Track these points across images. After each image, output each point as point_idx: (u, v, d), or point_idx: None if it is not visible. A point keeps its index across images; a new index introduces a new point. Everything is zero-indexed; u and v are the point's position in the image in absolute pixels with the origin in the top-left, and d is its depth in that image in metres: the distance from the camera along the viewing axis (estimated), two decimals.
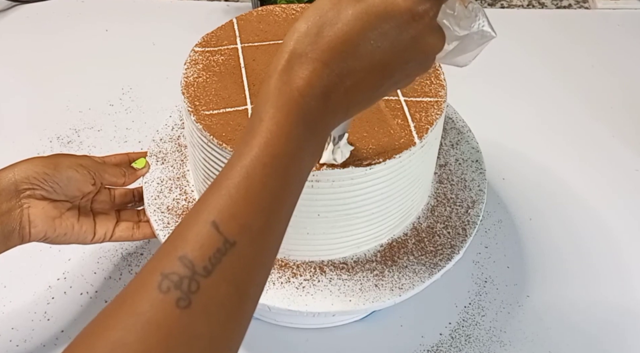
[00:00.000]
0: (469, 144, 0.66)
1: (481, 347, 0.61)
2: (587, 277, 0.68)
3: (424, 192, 0.60)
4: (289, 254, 0.56)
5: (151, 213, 0.58)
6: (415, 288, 0.54)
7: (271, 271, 0.53)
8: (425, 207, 0.61)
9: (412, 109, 0.54)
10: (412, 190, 0.56)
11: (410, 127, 0.53)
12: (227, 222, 0.32)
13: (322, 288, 0.54)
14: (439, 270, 0.55)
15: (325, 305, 0.53)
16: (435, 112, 0.54)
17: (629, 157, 0.81)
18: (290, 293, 0.54)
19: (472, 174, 0.64)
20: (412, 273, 0.55)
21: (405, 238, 0.58)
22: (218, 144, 0.50)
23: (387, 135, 0.52)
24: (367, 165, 0.50)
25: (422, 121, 0.53)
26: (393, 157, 0.50)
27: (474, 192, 0.62)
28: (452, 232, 0.58)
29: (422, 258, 0.56)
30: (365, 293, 0.54)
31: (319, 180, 0.50)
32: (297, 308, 0.53)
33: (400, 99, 0.55)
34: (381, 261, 0.56)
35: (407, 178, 0.54)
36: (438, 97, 0.56)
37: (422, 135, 0.52)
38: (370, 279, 0.55)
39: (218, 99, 0.54)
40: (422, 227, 0.59)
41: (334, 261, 0.56)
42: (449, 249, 0.57)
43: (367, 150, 0.51)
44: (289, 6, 0.63)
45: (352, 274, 0.55)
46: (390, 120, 0.53)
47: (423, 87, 0.57)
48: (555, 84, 0.90)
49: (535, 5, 1.05)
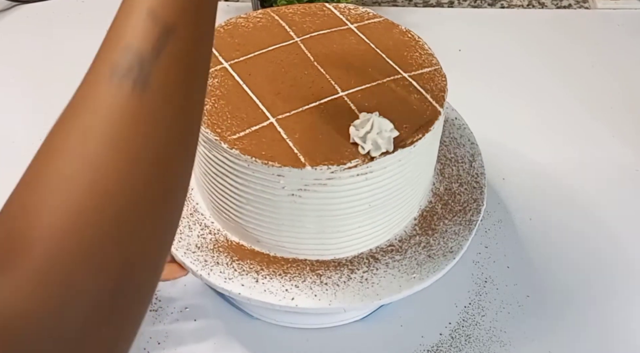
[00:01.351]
0: None
1: (481, 347, 0.62)
2: (588, 276, 0.68)
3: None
4: (340, 252, 0.56)
5: (183, 257, 0.56)
6: (463, 247, 0.57)
7: (326, 273, 0.55)
8: (435, 172, 0.63)
9: (420, 81, 0.57)
10: (435, 159, 0.60)
11: (428, 99, 0.55)
12: (163, 8, 0.31)
13: (384, 275, 0.55)
14: (474, 225, 0.59)
15: (394, 289, 0.54)
16: (441, 80, 0.57)
17: (629, 157, 0.81)
18: (358, 290, 0.54)
19: (458, 131, 0.67)
20: (454, 235, 0.58)
21: (432, 205, 0.61)
22: (262, 163, 0.50)
23: (413, 111, 0.54)
24: (411, 144, 0.52)
25: (435, 90, 0.56)
26: (430, 130, 0.53)
27: (468, 147, 0.66)
28: (468, 187, 0.62)
29: (456, 219, 0.60)
30: (422, 267, 0.56)
31: (372, 171, 0.51)
32: (372, 302, 0.54)
33: (405, 76, 0.57)
34: (422, 233, 0.59)
35: (436, 146, 0.58)
36: (434, 65, 0.59)
37: (442, 103, 0.55)
38: (421, 252, 0.57)
39: (238, 121, 0.53)
40: (440, 190, 0.62)
41: (381, 247, 0.57)
42: (474, 203, 0.61)
43: (405, 131, 0.52)
44: (250, 15, 0.63)
45: (403, 253, 0.57)
46: (408, 97, 0.55)
47: (416, 60, 0.59)
48: (555, 84, 0.91)
49: (535, 5, 1.05)
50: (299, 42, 0.60)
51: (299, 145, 0.51)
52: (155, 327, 0.62)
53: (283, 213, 0.53)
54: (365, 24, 0.63)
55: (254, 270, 0.55)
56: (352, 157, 0.50)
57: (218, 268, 0.56)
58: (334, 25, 0.62)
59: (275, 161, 0.50)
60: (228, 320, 0.63)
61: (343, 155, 0.50)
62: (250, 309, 0.63)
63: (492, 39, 0.96)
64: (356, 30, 0.62)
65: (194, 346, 0.61)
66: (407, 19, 0.76)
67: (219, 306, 0.64)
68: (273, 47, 0.59)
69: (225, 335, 0.62)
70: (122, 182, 0.29)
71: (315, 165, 0.49)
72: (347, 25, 0.62)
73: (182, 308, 0.64)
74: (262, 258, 0.56)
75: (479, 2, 1.04)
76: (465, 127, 0.68)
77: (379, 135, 0.49)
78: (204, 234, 0.58)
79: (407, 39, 0.61)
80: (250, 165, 0.50)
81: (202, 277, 0.55)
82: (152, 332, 0.62)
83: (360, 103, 0.54)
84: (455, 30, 0.97)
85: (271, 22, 0.62)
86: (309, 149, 0.51)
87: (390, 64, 0.58)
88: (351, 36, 0.61)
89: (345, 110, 0.53)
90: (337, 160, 0.50)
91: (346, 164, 0.50)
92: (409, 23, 0.65)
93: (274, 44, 0.60)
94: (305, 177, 0.50)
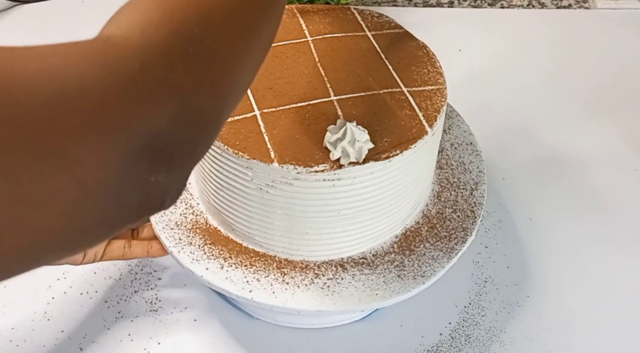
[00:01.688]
0: (460, 127, 0.67)
1: (481, 347, 0.61)
2: (588, 276, 0.68)
3: (430, 179, 0.61)
4: (309, 255, 0.56)
5: (160, 231, 0.58)
6: (437, 274, 0.55)
7: (291, 272, 0.55)
8: (431, 194, 0.61)
9: (417, 98, 0.55)
10: (422, 178, 0.57)
11: (419, 117, 0.54)
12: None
13: (347, 286, 0.55)
14: (455, 253, 0.57)
15: (353, 302, 0.53)
16: (440, 100, 0.55)
17: (629, 157, 0.81)
18: (317, 295, 0.54)
19: (469, 156, 0.65)
20: (430, 260, 0.56)
21: (418, 226, 0.59)
22: (234, 152, 0.50)
23: (399, 127, 0.53)
24: (386, 158, 0.50)
25: (429, 109, 0.54)
26: (409, 148, 0.51)
27: (474, 174, 0.63)
28: (461, 215, 0.60)
29: (438, 244, 0.58)
30: (389, 285, 0.54)
31: (340, 178, 0.50)
32: (327, 308, 0.53)
33: (404, 90, 0.56)
34: (399, 251, 0.57)
35: (420, 166, 0.55)
36: (439, 84, 0.57)
37: (432, 123, 0.53)
38: (392, 271, 0.56)
39: None
40: (431, 213, 0.60)
41: (353, 257, 0.57)
42: (462, 232, 0.58)
43: (383, 144, 0.51)
44: None
45: (373, 268, 0.56)
46: (398, 112, 0.54)
47: (422, 76, 0.57)
48: (555, 84, 0.90)
49: (535, 5, 1.05)
50: (309, 41, 0.60)
51: (274, 141, 0.51)
52: (155, 327, 0.62)
53: (254, 206, 0.53)
54: (384, 33, 0.62)
55: (222, 257, 0.56)
56: (321, 161, 0.50)
57: (189, 248, 0.57)
58: (352, 30, 0.62)
59: (245, 153, 0.50)
60: (228, 320, 0.63)
61: (313, 158, 0.50)
62: (250, 309, 0.63)
63: (492, 39, 0.96)
64: (371, 38, 0.61)
65: (194, 346, 0.61)
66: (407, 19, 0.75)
67: (219, 306, 0.64)
68: (283, 43, 0.60)
69: (225, 335, 0.62)
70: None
71: (283, 163, 0.49)
72: (364, 31, 0.62)
73: (182, 308, 0.64)
74: (234, 246, 0.57)
75: (479, 2, 1.04)
76: (478, 154, 0.65)
77: (350, 144, 0.49)
78: (187, 213, 0.59)
79: (420, 53, 0.60)
80: (224, 153, 0.51)
81: (172, 254, 0.57)
82: (152, 332, 0.62)
83: (348, 110, 0.53)
84: (455, 30, 0.97)
85: (290, 18, 0.63)
86: (282, 146, 0.51)
87: (393, 76, 0.57)
88: (364, 43, 0.60)
89: (330, 115, 0.53)
90: (305, 161, 0.50)
91: (313, 167, 0.49)
92: (409, 23, 0.65)
93: (285, 39, 0.60)
94: (272, 174, 0.50)
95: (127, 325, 0.63)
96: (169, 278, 0.66)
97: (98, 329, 0.62)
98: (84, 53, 0.24)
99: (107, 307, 0.64)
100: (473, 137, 0.67)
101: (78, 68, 0.24)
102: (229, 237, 0.58)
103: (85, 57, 0.24)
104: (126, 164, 0.25)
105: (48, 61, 0.23)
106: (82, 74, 0.24)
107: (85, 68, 0.24)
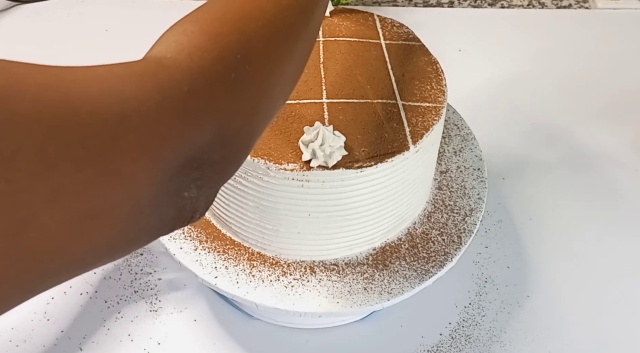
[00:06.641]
0: (472, 151, 0.65)
1: (481, 347, 0.61)
2: (588, 277, 0.68)
3: (420, 197, 0.59)
4: (280, 252, 0.56)
5: None
6: (404, 294, 0.54)
7: (259, 266, 0.55)
8: (422, 213, 0.60)
9: (409, 113, 0.54)
10: (406, 195, 0.55)
11: (405, 131, 0.52)
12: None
13: (311, 289, 0.54)
14: (429, 277, 0.55)
15: (312, 306, 0.53)
16: (433, 118, 0.53)
17: (629, 157, 0.81)
18: (279, 292, 0.54)
19: (473, 181, 0.62)
20: (402, 278, 0.55)
21: (399, 243, 0.57)
22: None
23: (381, 138, 0.51)
24: (358, 167, 0.49)
25: (418, 126, 0.53)
26: (385, 161, 0.50)
27: (472, 200, 0.61)
28: (447, 239, 0.58)
29: (414, 264, 0.56)
30: (353, 296, 0.53)
31: (309, 180, 0.49)
32: (285, 307, 0.53)
33: (398, 103, 0.54)
34: (372, 264, 0.56)
35: (401, 182, 0.53)
36: (437, 102, 0.55)
37: (417, 140, 0.51)
38: (360, 282, 0.54)
39: None
40: (417, 232, 0.58)
41: (325, 262, 0.56)
42: (442, 256, 0.56)
43: (360, 153, 0.50)
44: None
45: (342, 276, 0.55)
46: (385, 123, 0.53)
47: (422, 92, 0.56)
48: (556, 84, 0.90)
49: (535, 5, 1.05)
50: (320, 42, 0.60)
51: None
52: (155, 327, 0.62)
53: (229, 195, 0.54)
54: (399, 43, 0.61)
55: (198, 239, 0.57)
56: (292, 161, 0.49)
57: None
58: (367, 36, 0.61)
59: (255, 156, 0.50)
60: (228, 320, 0.63)
61: (285, 156, 0.50)
62: (250, 309, 0.63)
63: (492, 39, 0.96)
64: (384, 47, 0.60)
65: (194, 346, 0.61)
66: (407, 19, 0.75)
67: (218, 306, 0.64)
68: None
69: (225, 335, 0.62)
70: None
71: (255, 156, 0.50)
72: (378, 39, 0.61)
73: (182, 308, 0.64)
74: (212, 231, 0.58)
75: (479, 2, 1.04)
76: (483, 181, 0.63)
77: (321, 147, 0.48)
78: None
79: (429, 69, 0.58)
80: None
81: None
82: (152, 332, 0.62)
83: (335, 114, 0.53)
84: (455, 30, 0.97)
85: None
86: (260, 141, 0.50)
87: (392, 87, 0.56)
88: (375, 50, 0.60)
89: (315, 116, 0.53)
90: (276, 158, 0.49)
91: (282, 165, 0.49)
92: (409, 23, 0.65)
93: None
94: (244, 165, 0.50)
95: (127, 325, 0.63)
96: (169, 278, 0.66)
97: (98, 329, 0.62)
98: (139, 75, 0.26)
99: (107, 307, 0.64)
100: (482, 162, 0.65)
101: (135, 91, 0.25)
102: (210, 222, 0.59)
103: (140, 79, 0.26)
104: (168, 181, 0.26)
105: (108, 83, 0.25)
106: (139, 96, 0.25)
107: (142, 91, 0.25)
